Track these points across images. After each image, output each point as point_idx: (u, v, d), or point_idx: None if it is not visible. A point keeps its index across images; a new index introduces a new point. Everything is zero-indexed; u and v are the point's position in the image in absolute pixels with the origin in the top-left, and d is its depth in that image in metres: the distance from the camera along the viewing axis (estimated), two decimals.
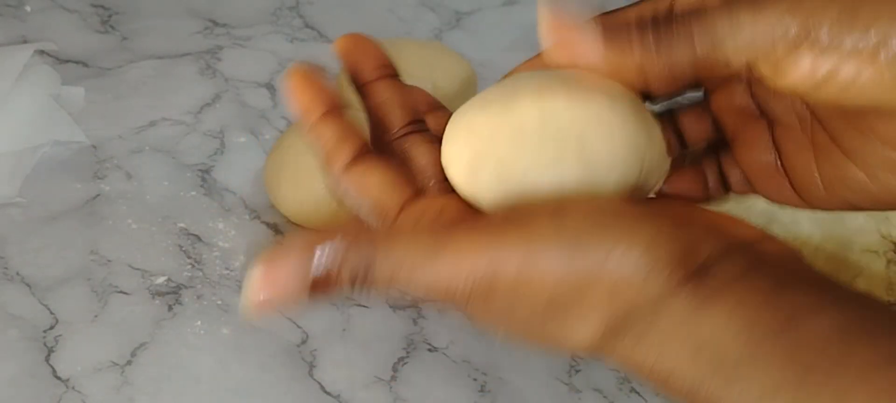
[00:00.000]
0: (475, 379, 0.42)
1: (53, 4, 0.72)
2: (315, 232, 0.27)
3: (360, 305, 0.45)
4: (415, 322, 0.45)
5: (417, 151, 0.33)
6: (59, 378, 0.41)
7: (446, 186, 0.32)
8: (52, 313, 0.44)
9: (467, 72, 0.59)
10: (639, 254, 0.26)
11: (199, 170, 0.54)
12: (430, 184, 0.32)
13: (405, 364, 0.43)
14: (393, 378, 0.42)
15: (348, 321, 0.44)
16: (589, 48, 0.28)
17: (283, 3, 0.74)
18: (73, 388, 0.40)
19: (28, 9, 0.71)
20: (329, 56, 0.71)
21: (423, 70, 0.57)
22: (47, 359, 0.42)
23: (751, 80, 0.31)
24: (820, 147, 0.30)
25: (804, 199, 0.31)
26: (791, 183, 0.32)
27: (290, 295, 0.27)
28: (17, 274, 0.46)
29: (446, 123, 0.33)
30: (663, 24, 0.27)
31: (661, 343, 0.26)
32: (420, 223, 0.30)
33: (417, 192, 0.32)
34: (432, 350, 0.44)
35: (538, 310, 0.27)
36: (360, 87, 0.36)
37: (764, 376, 0.25)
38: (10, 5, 0.71)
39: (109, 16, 0.71)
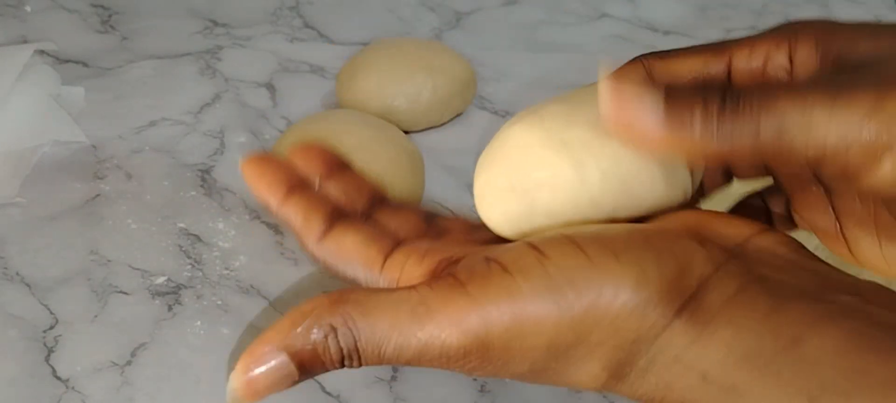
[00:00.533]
0: (475, 379, 0.42)
1: (53, 4, 0.72)
2: (295, 311, 0.26)
3: None
4: None
5: (387, 220, 0.33)
6: (58, 378, 0.41)
7: (428, 239, 0.31)
8: (51, 313, 0.44)
9: (467, 73, 0.59)
10: (629, 292, 0.25)
11: (199, 170, 0.54)
12: (411, 240, 0.31)
13: None
14: (393, 378, 0.42)
15: None
16: (649, 125, 0.27)
17: (283, 3, 0.74)
18: (72, 388, 0.40)
19: (28, 9, 0.71)
20: (329, 56, 0.72)
21: (423, 70, 0.57)
22: (47, 359, 0.42)
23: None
24: (884, 226, 0.29)
25: (864, 265, 0.31)
26: (850, 248, 0.30)
27: (277, 379, 0.26)
28: (17, 274, 0.46)
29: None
30: (729, 104, 0.26)
31: (667, 375, 0.25)
32: (404, 276, 0.29)
33: (397, 242, 0.31)
34: None
35: (538, 358, 0.26)
36: (324, 183, 0.35)
37: (775, 400, 0.24)
38: (10, 5, 0.71)
39: (109, 16, 0.71)
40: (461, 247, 0.29)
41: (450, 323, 0.25)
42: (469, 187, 0.51)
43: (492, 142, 0.32)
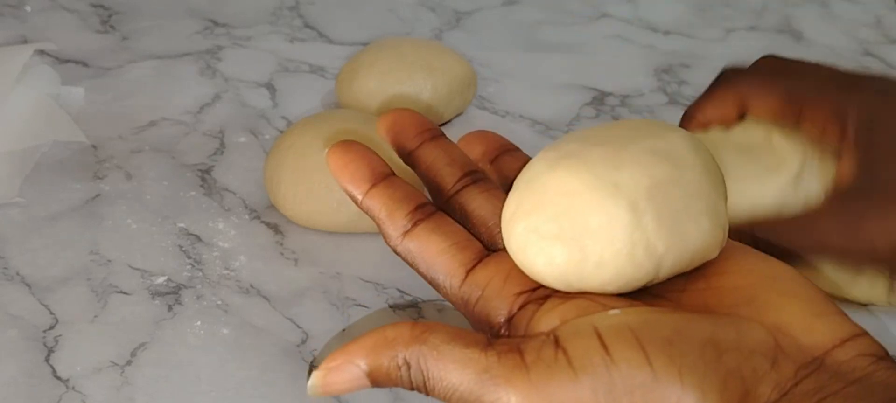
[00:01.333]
0: None
1: (53, 4, 0.72)
2: (379, 334, 0.29)
3: (360, 305, 0.45)
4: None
5: (475, 204, 0.33)
6: (58, 378, 0.41)
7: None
8: (51, 313, 0.44)
9: (467, 73, 0.59)
10: None
11: (199, 170, 0.54)
12: (496, 234, 0.32)
13: None
14: None
15: (348, 321, 0.44)
16: None
17: (283, 3, 0.74)
18: (72, 388, 0.40)
19: (28, 9, 0.71)
20: (329, 56, 0.72)
21: (423, 70, 0.57)
22: (47, 359, 0.42)
23: None
24: None
25: None
26: None
27: (351, 385, 0.29)
28: (17, 274, 0.46)
29: (518, 166, 0.34)
30: None
31: None
32: (484, 300, 0.30)
33: (481, 250, 0.32)
34: None
35: None
36: (408, 157, 0.36)
37: None
38: (10, 5, 0.71)
39: (109, 16, 0.71)
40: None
41: (509, 398, 0.27)
42: None
43: (522, 186, 0.31)
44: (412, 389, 0.28)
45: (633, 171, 0.29)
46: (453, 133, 0.59)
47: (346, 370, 0.28)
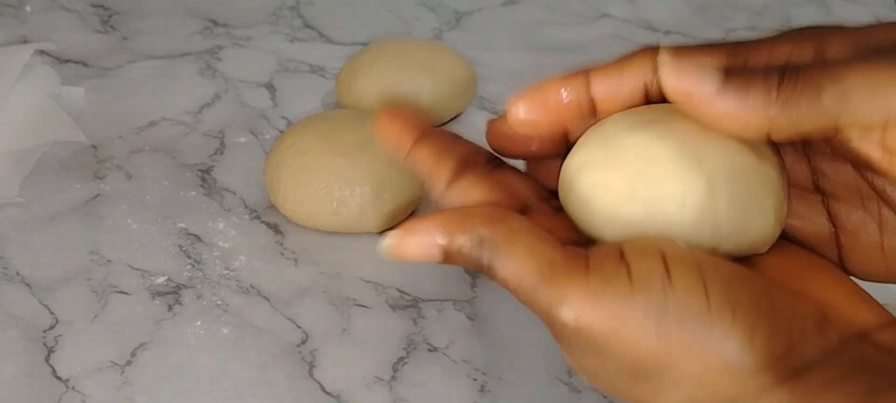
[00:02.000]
0: (475, 379, 0.42)
1: (53, 4, 0.72)
2: (462, 213, 0.29)
3: (360, 305, 0.45)
4: (415, 322, 0.45)
5: (510, 179, 0.33)
6: (58, 378, 0.41)
7: (550, 207, 0.32)
8: (52, 313, 0.44)
9: (467, 73, 0.59)
10: (735, 349, 0.26)
11: (199, 170, 0.54)
12: (533, 203, 0.32)
13: (405, 364, 0.43)
14: (393, 378, 0.42)
15: (348, 321, 0.44)
16: (708, 94, 0.27)
17: (283, 3, 0.74)
18: (72, 388, 0.40)
19: (28, 9, 0.71)
20: (329, 56, 0.72)
21: (423, 70, 0.57)
22: (47, 359, 0.42)
23: (818, 151, 0.31)
24: (888, 226, 0.30)
25: (857, 271, 0.31)
26: (844, 255, 0.31)
27: (422, 255, 0.29)
28: (17, 273, 0.46)
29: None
30: (788, 76, 0.27)
31: None
32: (536, 247, 0.30)
33: (522, 209, 0.32)
34: (432, 350, 0.44)
35: (625, 368, 0.27)
36: (404, 159, 0.35)
37: None
38: (10, 5, 0.71)
39: (109, 16, 0.71)
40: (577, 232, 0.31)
41: (563, 299, 0.27)
42: None
43: (595, 142, 0.31)
44: (479, 269, 0.29)
45: (718, 150, 0.29)
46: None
47: (423, 237, 0.29)
